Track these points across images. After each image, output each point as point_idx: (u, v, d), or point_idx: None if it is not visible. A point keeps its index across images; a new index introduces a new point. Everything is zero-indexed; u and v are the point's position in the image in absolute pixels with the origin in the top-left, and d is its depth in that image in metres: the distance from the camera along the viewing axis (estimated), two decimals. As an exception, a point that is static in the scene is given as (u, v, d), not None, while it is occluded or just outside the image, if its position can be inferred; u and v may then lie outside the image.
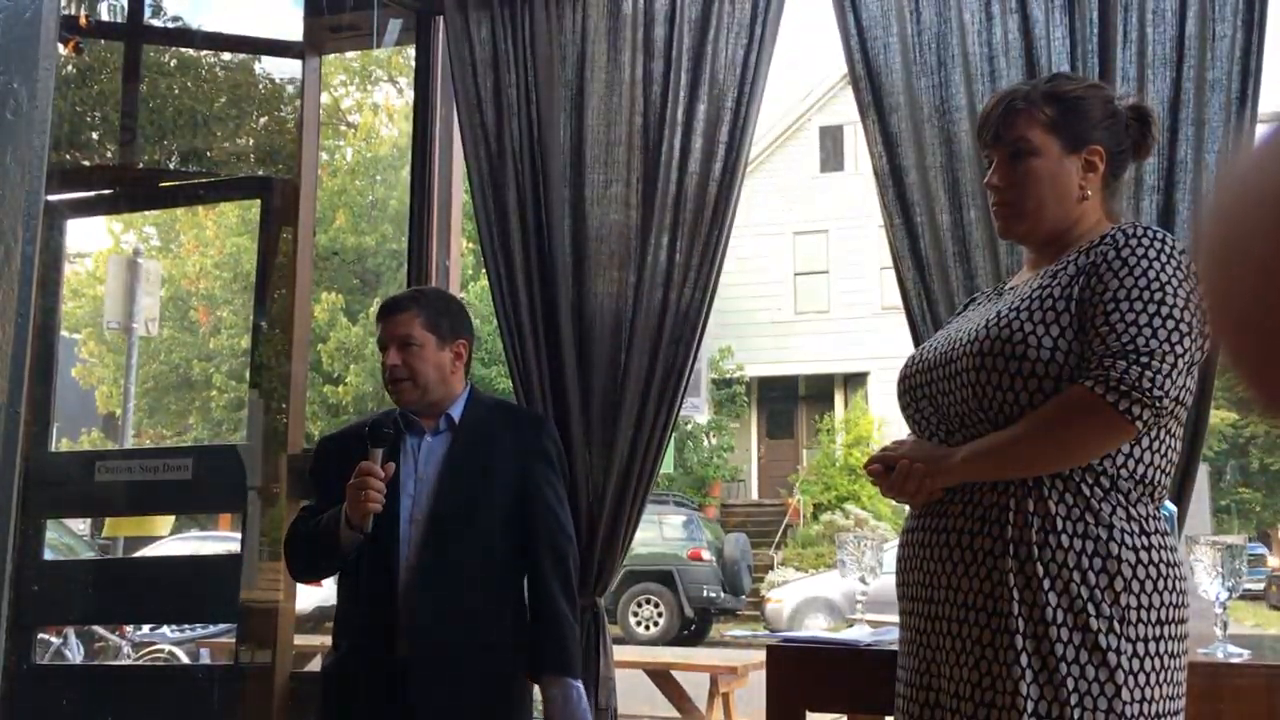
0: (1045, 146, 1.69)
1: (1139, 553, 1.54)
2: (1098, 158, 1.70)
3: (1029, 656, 1.51)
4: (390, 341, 2.33)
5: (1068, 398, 1.54)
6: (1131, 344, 1.51)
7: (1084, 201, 1.70)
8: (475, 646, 2.25)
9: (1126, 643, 1.51)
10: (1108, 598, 1.51)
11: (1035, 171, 1.69)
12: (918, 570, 1.70)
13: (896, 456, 1.70)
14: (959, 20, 2.75)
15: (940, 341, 1.76)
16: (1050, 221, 1.71)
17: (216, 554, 8.85)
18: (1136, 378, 1.49)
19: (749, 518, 17.83)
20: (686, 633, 13.22)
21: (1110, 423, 1.51)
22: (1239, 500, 20.00)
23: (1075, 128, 1.70)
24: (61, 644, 6.54)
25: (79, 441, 16.58)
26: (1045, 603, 1.52)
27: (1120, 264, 1.56)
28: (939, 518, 1.66)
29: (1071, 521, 1.54)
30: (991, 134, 1.75)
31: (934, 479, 1.65)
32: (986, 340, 1.61)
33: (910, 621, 1.72)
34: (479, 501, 2.30)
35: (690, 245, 3.00)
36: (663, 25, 3.07)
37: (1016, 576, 1.54)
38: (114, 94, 4.44)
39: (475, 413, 2.39)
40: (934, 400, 1.70)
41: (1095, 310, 1.55)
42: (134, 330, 10.61)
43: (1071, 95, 1.72)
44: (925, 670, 1.66)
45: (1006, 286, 1.85)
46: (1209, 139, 2.55)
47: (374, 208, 17.28)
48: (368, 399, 15.68)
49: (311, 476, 2.46)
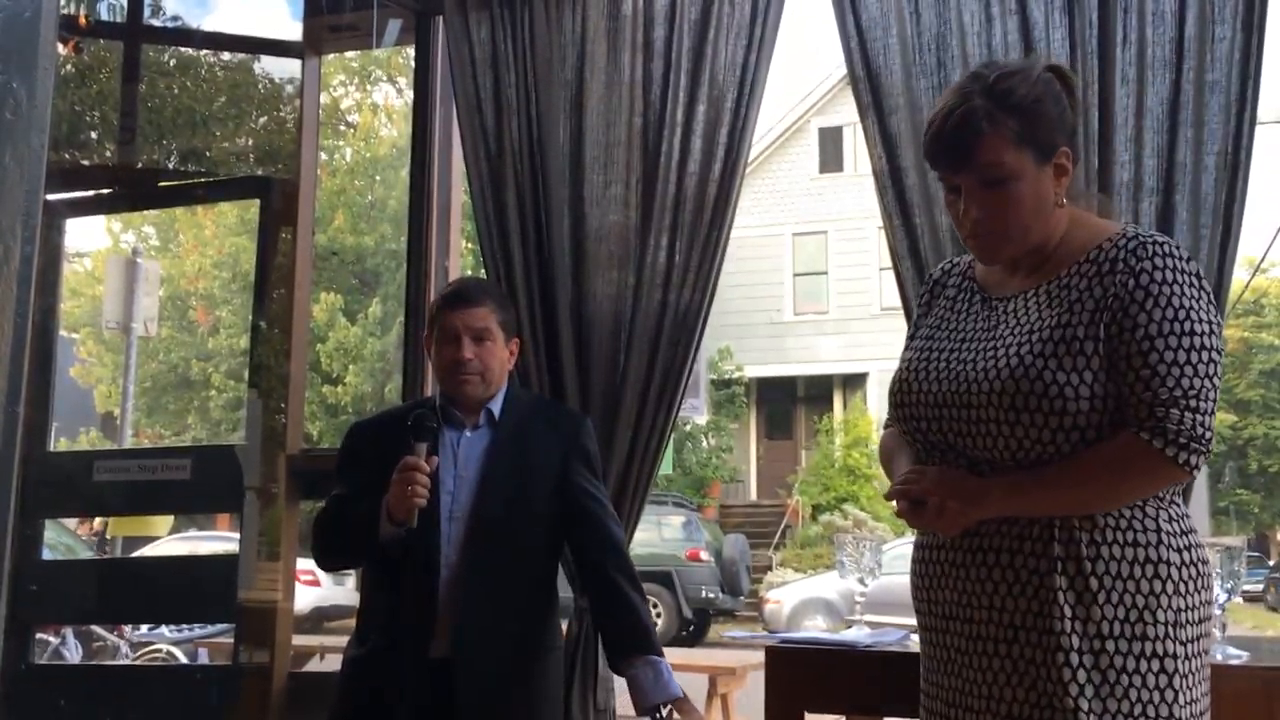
0: (1021, 166, 1.58)
1: (1182, 553, 1.54)
2: (1065, 159, 1.62)
3: (1086, 672, 1.49)
4: (465, 332, 2.28)
5: (1122, 450, 1.51)
6: (1178, 387, 1.49)
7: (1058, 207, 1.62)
8: (513, 646, 2.23)
9: (1180, 645, 1.51)
10: (1161, 603, 1.51)
11: (1018, 197, 1.59)
12: (949, 589, 1.64)
13: (923, 491, 1.61)
14: (959, 21, 2.75)
15: (941, 371, 1.65)
16: (1034, 240, 1.63)
17: (214, 554, 8.86)
18: (1190, 426, 1.48)
19: (747, 518, 17.84)
20: (685, 633, 13.21)
21: (1169, 474, 1.51)
22: (1237, 502, 20.03)
23: (1042, 136, 1.59)
24: (60, 644, 6.55)
25: (77, 441, 16.57)
26: (1101, 616, 1.50)
27: (1144, 295, 1.53)
28: (970, 535, 1.61)
29: (1121, 531, 1.53)
30: (955, 159, 1.61)
31: (968, 517, 1.59)
32: (1017, 395, 1.54)
33: (944, 640, 1.65)
34: (520, 499, 2.27)
35: (689, 246, 2.99)
36: (662, 26, 3.07)
37: (1067, 594, 1.51)
38: (113, 94, 4.44)
39: (515, 409, 2.36)
40: (948, 439, 1.63)
41: (1129, 349, 1.52)
42: (133, 330, 10.61)
43: (1028, 101, 1.59)
44: (969, 692, 1.60)
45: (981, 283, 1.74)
46: (1208, 141, 2.55)
47: (373, 208, 17.28)
48: (366, 399, 15.68)
49: (341, 463, 2.40)
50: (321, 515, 2.34)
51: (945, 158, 1.62)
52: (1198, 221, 2.54)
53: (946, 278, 1.83)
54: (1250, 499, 20.15)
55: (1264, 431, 19.81)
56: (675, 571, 13.13)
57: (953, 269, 1.83)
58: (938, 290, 1.83)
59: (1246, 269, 13.93)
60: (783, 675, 2.20)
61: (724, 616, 14.13)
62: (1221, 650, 1.94)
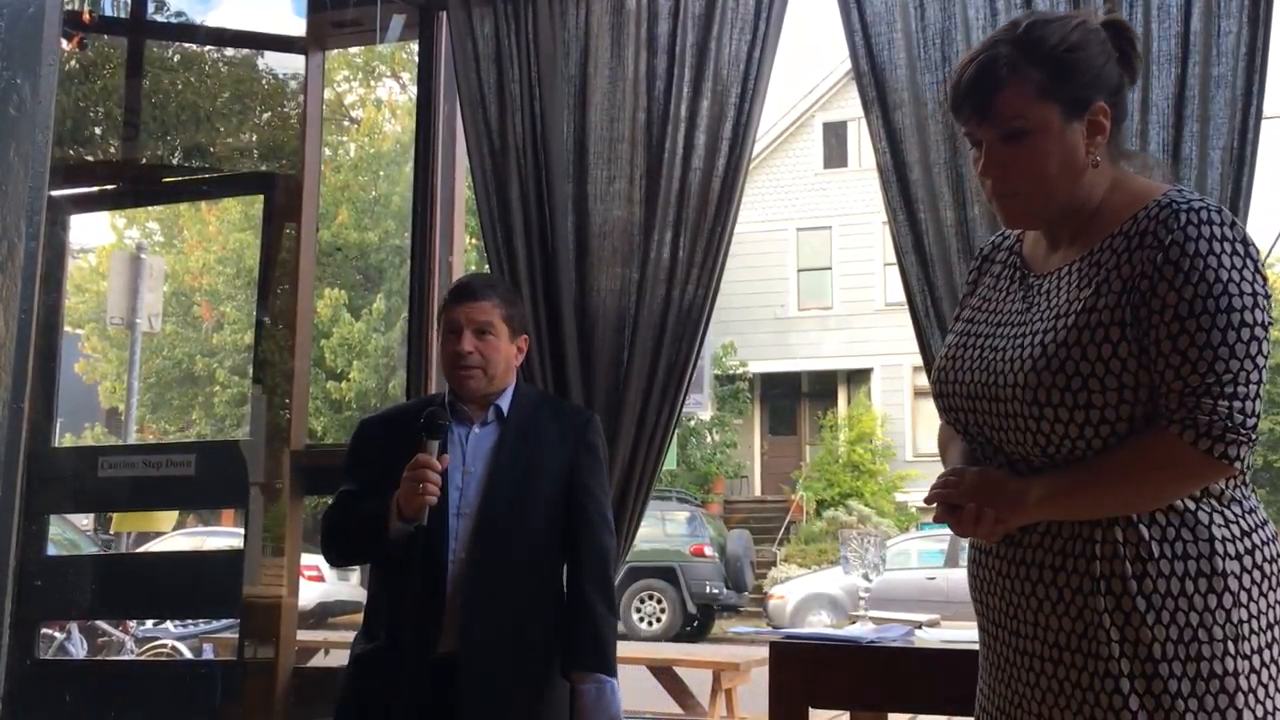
0: (1044, 120, 1.47)
1: (1242, 559, 1.41)
2: (1103, 116, 1.48)
3: (1139, 698, 1.39)
4: (467, 326, 2.28)
5: (1154, 446, 1.40)
6: (1211, 373, 1.36)
7: (1093, 167, 1.49)
8: (520, 643, 2.23)
9: (1242, 660, 1.38)
10: (1219, 618, 1.39)
11: (1038, 151, 1.47)
12: (997, 596, 1.56)
13: (960, 497, 1.52)
14: (963, 16, 2.75)
15: (976, 361, 1.57)
16: (1062, 202, 1.50)
17: (219, 549, 8.88)
18: (1226, 414, 1.36)
19: (752, 514, 17.84)
20: (689, 629, 13.24)
21: (1206, 468, 1.39)
22: (1242, 498, 19.96)
23: (1073, 89, 1.47)
24: (64, 639, 6.55)
25: (82, 437, 16.61)
26: (1151, 639, 1.39)
27: (1173, 269, 1.38)
28: (1014, 547, 1.52)
29: (1169, 544, 1.41)
30: (974, 111, 1.50)
31: (1006, 523, 1.49)
32: (1040, 388, 1.44)
33: (996, 646, 1.58)
34: (527, 496, 2.27)
35: (693, 241, 2.99)
36: (666, 21, 3.06)
37: (1113, 615, 1.41)
38: (117, 90, 4.45)
39: (523, 406, 2.36)
40: (984, 432, 1.56)
41: (1158, 333, 1.39)
42: (137, 326, 10.61)
43: (1059, 50, 1.47)
44: (1021, 706, 1.52)
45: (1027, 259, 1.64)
46: (1213, 136, 2.54)
47: (377, 203, 17.27)
48: (370, 395, 15.69)
49: (350, 459, 2.40)
50: (330, 512, 2.34)
51: (965, 109, 1.52)
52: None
53: (995, 252, 1.71)
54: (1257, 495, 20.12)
55: (1269, 427, 19.76)
56: (679, 567, 13.15)
57: (1002, 243, 1.71)
58: (985, 266, 1.72)
59: (1251, 264, 13.88)
60: (786, 671, 2.20)
61: (728, 612, 14.15)
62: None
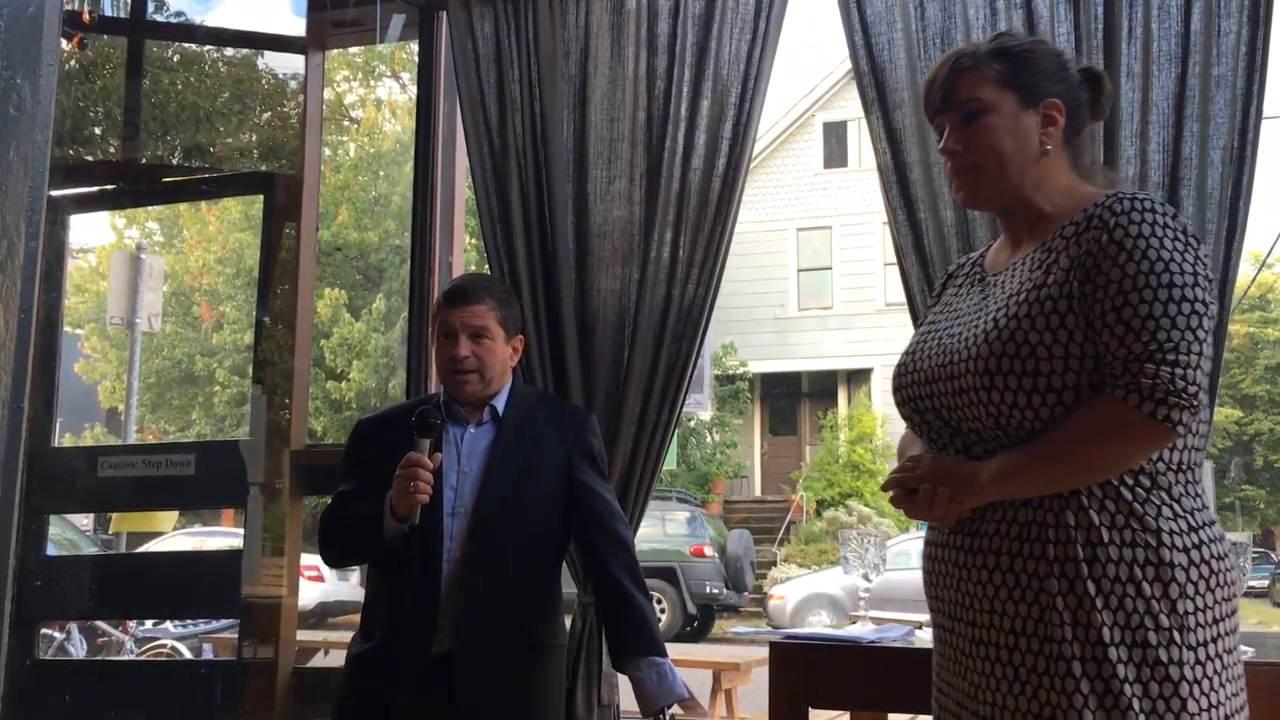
0: (1000, 102, 1.61)
1: (1189, 553, 1.45)
2: (1056, 111, 1.62)
3: (1090, 682, 1.43)
4: (462, 330, 2.28)
5: (1100, 412, 1.45)
6: (1154, 340, 1.42)
7: (1045, 157, 1.62)
8: (516, 642, 2.23)
9: (1188, 651, 1.43)
10: (1164, 607, 1.43)
11: (993, 128, 1.61)
12: (953, 589, 1.60)
13: (916, 479, 1.59)
14: (963, 16, 2.75)
15: (933, 348, 1.66)
16: (1015, 182, 1.62)
17: (219, 549, 8.88)
18: (1169, 379, 1.41)
19: (752, 514, 17.84)
20: (689, 629, 13.23)
21: (1150, 433, 1.43)
22: (1243, 498, 19.99)
23: (1028, 81, 1.62)
24: (64, 639, 6.55)
25: (82, 437, 16.64)
26: (1100, 623, 1.43)
27: (1116, 248, 1.46)
28: (971, 536, 1.57)
29: (1117, 530, 1.45)
30: (940, 98, 1.66)
31: (960, 503, 1.55)
32: (990, 357, 1.51)
33: (950, 639, 1.62)
34: (522, 496, 2.27)
35: (693, 241, 2.99)
36: (666, 20, 3.06)
37: (1066, 598, 1.45)
38: (117, 89, 4.45)
39: (519, 406, 2.36)
40: (941, 415, 1.62)
41: (1102, 306, 1.45)
42: (137, 325, 10.61)
43: (1019, 49, 1.64)
44: (976, 697, 1.56)
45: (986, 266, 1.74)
46: (1214, 135, 2.54)
47: (377, 203, 17.28)
48: (370, 395, 15.69)
49: (347, 460, 2.39)
50: (327, 512, 2.34)
51: (933, 99, 1.68)
52: (1204, 216, 2.53)
53: (959, 270, 1.83)
54: (1256, 494, 20.11)
55: (1270, 427, 19.78)
56: (679, 567, 13.15)
57: (966, 263, 1.83)
58: (950, 284, 1.83)
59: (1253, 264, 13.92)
60: (787, 671, 2.19)
61: (728, 612, 14.15)
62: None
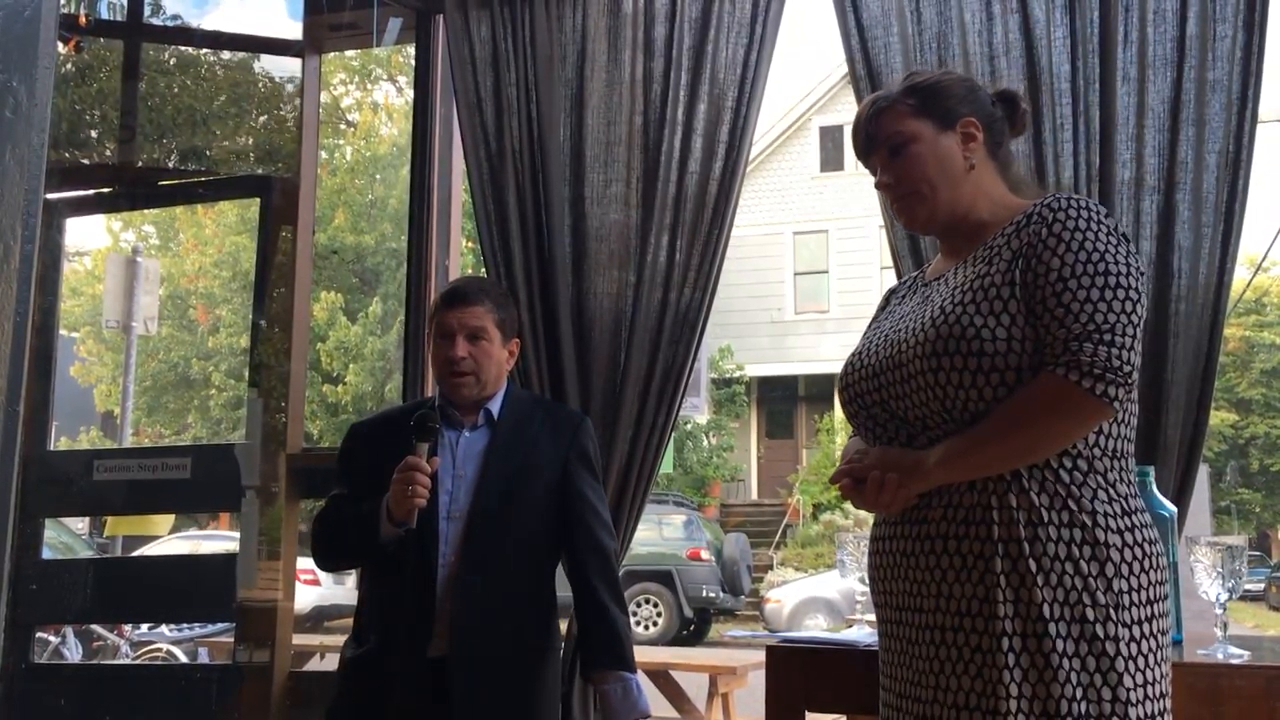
0: (919, 131, 1.72)
1: (1123, 534, 1.52)
2: (973, 128, 1.72)
3: (1018, 656, 1.48)
4: (459, 331, 2.28)
5: (1040, 389, 1.52)
6: (1091, 322, 1.50)
7: (972, 171, 1.71)
8: (511, 645, 2.22)
9: (1123, 628, 1.49)
10: (1100, 585, 1.49)
11: (917, 155, 1.71)
12: (901, 579, 1.65)
13: (864, 468, 1.65)
14: (959, 20, 2.75)
15: (879, 343, 1.73)
16: (948, 200, 1.72)
17: (215, 553, 8.86)
18: (1105, 358, 1.48)
19: (748, 518, 17.85)
20: (686, 633, 13.23)
21: (1088, 407, 1.50)
22: (1239, 501, 20.00)
23: (941, 106, 1.73)
24: (60, 643, 6.55)
25: (78, 440, 16.59)
26: (1040, 599, 1.49)
27: (1056, 240, 1.56)
28: (918, 524, 1.62)
29: (1056, 511, 1.52)
30: (864, 139, 1.78)
31: (908, 488, 1.61)
32: (937, 340, 1.58)
33: (897, 632, 1.67)
34: (518, 499, 2.26)
35: (690, 245, 2.99)
36: (663, 24, 3.07)
37: (1009, 577, 1.51)
38: (113, 92, 4.44)
39: (514, 409, 2.36)
40: (886, 405, 1.67)
41: (1043, 292, 1.54)
42: (133, 329, 10.61)
43: (926, 82, 1.76)
44: (919, 683, 1.60)
45: (929, 277, 1.82)
46: (1209, 140, 2.55)
47: (373, 206, 17.28)
48: (367, 398, 15.68)
49: (341, 463, 2.39)
50: (321, 516, 2.33)
51: (860, 143, 1.79)
52: (1199, 220, 2.53)
53: (901, 285, 1.94)
54: (1251, 498, 20.12)
55: (1265, 431, 19.80)
56: (676, 571, 13.14)
57: (907, 279, 1.93)
58: (892, 299, 1.92)
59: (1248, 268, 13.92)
60: (784, 675, 2.19)
61: (725, 616, 14.14)
62: (1223, 649, 1.93)
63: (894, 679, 1.67)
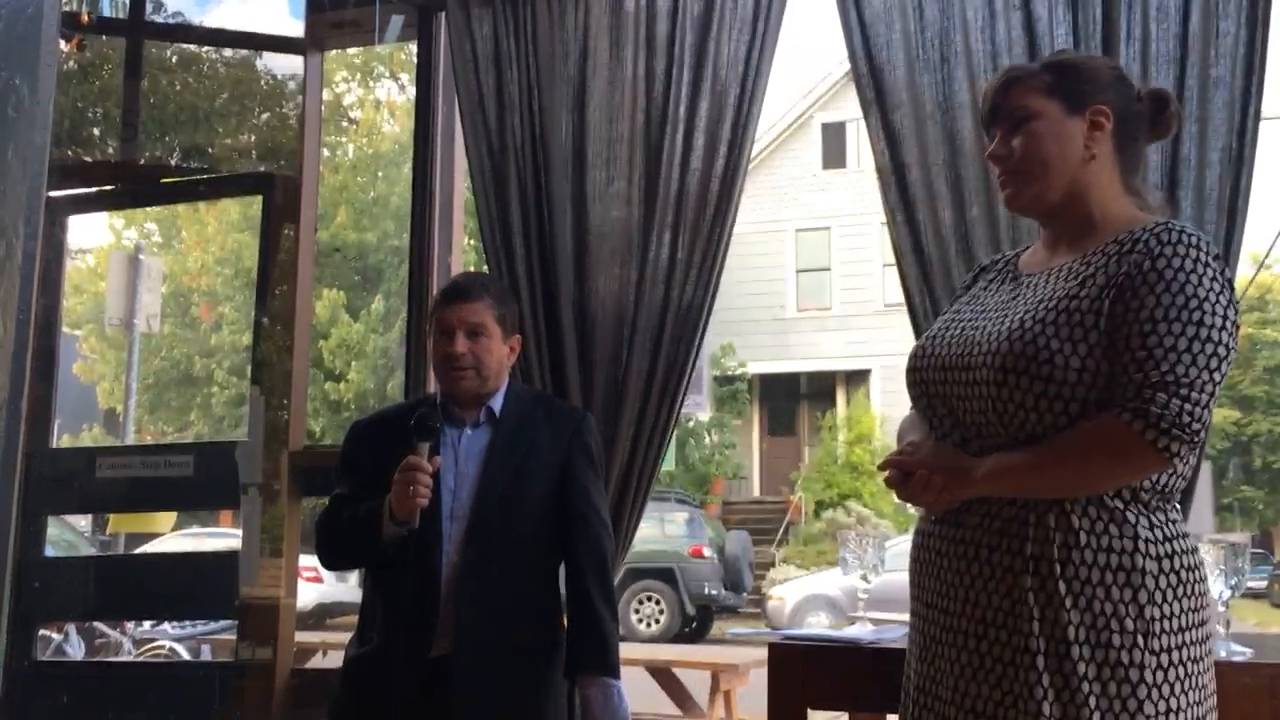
0: (1044, 109, 1.65)
1: (1161, 561, 1.50)
2: (1103, 117, 1.64)
3: (1050, 676, 1.47)
4: (459, 327, 2.26)
5: (1102, 429, 1.48)
6: (1171, 373, 1.44)
7: (1091, 161, 1.64)
8: (515, 644, 2.21)
9: (1150, 655, 1.47)
10: (1131, 612, 1.47)
11: (1037, 134, 1.65)
12: (933, 578, 1.65)
13: (914, 464, 1.64)
14: (962, 16, 2.75)
15: (955, 337, 1.68)
16: (1059, 184, 1.65)
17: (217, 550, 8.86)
18: (1177, 412, 1.43)
19: (750, 515, 17.85)
20: (688, 630, 13.23)
21: (1147, 458, 1.46)
22: (1241, 498, 19.98)
23: (1076, 88, 1.65)
24: (62, 640, 6.55)
25: (80, 438, 16.63)
26: (1067, 621, 1.48)
27: (1156, 277, 1.49)
28: (955, 527, 1.62)
29: (1095, 535, 1.50)
30: (988, 109, 1.72)
31: (952, 492, 1.60)
32: (1010, 355, 1.54)
33: (924, 627, 1.67)
34: (520, 497, 2.25)
35: (692, 242, 2.99)
36: (665, 22, 3.06)
37: (1037, 594, 1.50)
38: (115, 90, 4.44)
39: (516, 406, 2.34)
40: (948, 403, 1.65)
41: (1130, 329, 1.48)
42: (135, 326, 10.62)
43: (1068, 61, 1.71)
44: (939, 681, 1.61)
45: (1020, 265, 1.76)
46: (1212, 136, 2.55)
47: (375, 204, 17.29)
48: (369, 396, 15.69)
49: (342, 462, 2.38)
50: (324, 515, 2.33)
51: (985, 114, 1.74)
52: (1202, 217, 2.53)
53: (992, 265, 1.86)
54: (1254, 495, 20.10)
55: (1268, 428, 19.77)
56: (678, 568, 13.15)
57: (1000, 258, 1.86)
58: (981, 277, 1.85)
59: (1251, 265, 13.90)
60: (785, 672, 2.19)
61: (727, 613, 14.14)
62: (1225, 647, 1.93)
63: (918, 672, 1.67)
